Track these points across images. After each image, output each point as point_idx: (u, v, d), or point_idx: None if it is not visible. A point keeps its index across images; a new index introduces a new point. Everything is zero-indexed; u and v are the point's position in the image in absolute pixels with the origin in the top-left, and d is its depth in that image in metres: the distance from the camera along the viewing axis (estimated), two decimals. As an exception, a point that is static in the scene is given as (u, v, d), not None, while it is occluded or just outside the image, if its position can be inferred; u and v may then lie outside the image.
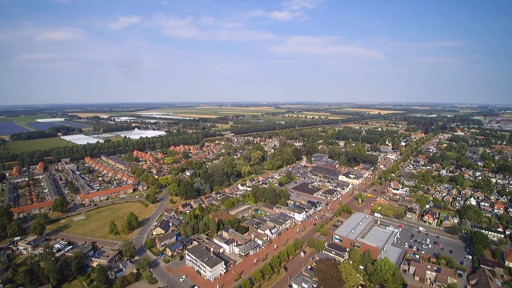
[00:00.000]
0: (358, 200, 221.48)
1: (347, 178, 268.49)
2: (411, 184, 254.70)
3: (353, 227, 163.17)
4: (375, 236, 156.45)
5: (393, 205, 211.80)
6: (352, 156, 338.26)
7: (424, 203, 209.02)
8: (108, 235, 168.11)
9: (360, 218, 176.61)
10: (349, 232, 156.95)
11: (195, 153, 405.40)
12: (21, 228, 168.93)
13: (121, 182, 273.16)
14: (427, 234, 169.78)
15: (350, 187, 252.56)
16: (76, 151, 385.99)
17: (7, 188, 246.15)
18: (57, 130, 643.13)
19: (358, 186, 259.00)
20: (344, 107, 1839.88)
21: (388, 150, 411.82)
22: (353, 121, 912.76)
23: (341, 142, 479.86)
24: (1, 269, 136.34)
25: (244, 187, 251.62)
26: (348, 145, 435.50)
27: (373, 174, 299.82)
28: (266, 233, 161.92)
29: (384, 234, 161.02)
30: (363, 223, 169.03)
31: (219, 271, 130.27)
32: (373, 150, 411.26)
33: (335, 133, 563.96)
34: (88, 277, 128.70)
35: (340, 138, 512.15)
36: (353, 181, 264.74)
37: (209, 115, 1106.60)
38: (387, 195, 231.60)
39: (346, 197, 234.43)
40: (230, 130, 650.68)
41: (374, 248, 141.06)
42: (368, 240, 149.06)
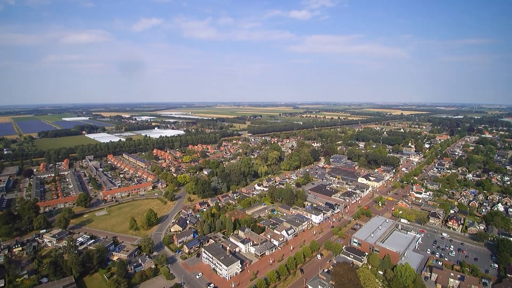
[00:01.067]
0: (378, 204, 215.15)
1: (367, 180, 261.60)
2: (435, 188, 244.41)
3: (372, 231, 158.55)
4: (395, 241, 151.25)
5: (415, 209, 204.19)
6: (373, 157, 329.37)
7: (449, 208, 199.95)
8: (128, 231, 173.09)
9: (380, 222, 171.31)
10: (368, 236, 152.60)
11: (212, 153, 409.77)
12: (46, 222, 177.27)
13: (141, 179, 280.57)
14: (451, 241, 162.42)
15: (370, 190, 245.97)
16: (99, 148, 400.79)
17: (34, 183, 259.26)
18: (82, 128, 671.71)
19: (378, 189, 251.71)
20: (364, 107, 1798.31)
21: (410, 152, 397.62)
22: (373, 121, 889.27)
23: (361, 143, 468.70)
24: (27, 260, 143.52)
25: (260, 187, 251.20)
26: (369, 147, 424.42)
27: (395, 177, 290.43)
28: (283, 234, 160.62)
29: (405, 239, 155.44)
30: (383, 227, 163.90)
31: (235, 270, 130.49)
32: (394, 152, 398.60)
33: (355, 134, 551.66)
34: (109, 271, 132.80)
35: (360, 139, 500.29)
36: (373, 184, 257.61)
37: (227, 115, 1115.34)
38: (409, 199, 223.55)
39: (366, 200, 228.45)
40: (248, 130, 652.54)
41: (395, 253, 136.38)
42: (388, 245, 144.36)
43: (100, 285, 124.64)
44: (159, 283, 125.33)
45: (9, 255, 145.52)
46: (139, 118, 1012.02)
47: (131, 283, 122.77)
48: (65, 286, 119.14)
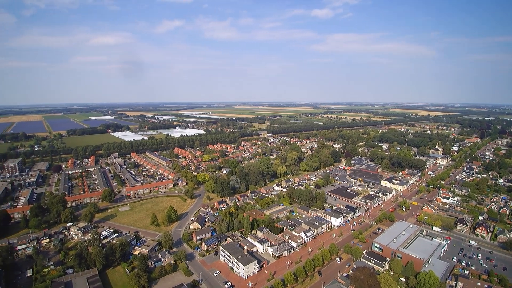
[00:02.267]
0: (402, 208, 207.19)
1: (390, 183, 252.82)
2: (463, 193, 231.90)
3: (395, 236, 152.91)
4: (419, 247, 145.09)
5: (441, 215, 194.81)
6: (397, 160, 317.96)
7: (478, 214, 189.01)
8: (149, 226, 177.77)
9: (404, 227, 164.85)
10: (391, 241, 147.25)
11: (231, 152, 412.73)
12: (73, 215, 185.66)
13: (162, 177, 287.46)
14: (479, 249, 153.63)
15: (393, 194, 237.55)
16: (123, 146, 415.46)
17: (62, 179, 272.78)
18: (107, 127, 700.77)
19: (402, 193, 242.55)
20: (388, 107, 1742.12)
21: (438, 155, 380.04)
22: (398, 122, 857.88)
23: (384, 145, 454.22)
24: (54, 251, 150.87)
25: (279, 188, 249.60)
26: (393, 149, 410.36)
27: (420, 181, 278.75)
28: (301, 235, 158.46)
29: (430, 246, 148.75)
30: (406, 233, 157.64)
31: (252, 270, 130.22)
32: (420, 154, 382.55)
33: (378, 135, 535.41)
34: (130, 264, 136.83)
35: (383, 141, 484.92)
36: (397, 187, 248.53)
37: (246, 115, 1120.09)
38: (436, 204, 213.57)
39: (389, 203, 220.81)
40: (267, 130, 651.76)
41: (418, 260, 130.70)
42: (412, 251, 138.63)
43: (121, 278, 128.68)
44: (178, 278, 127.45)
45: (38, 246, 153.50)
46: (161, 118, 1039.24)
47: (151, 278, 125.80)
48: (89, 278, 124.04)
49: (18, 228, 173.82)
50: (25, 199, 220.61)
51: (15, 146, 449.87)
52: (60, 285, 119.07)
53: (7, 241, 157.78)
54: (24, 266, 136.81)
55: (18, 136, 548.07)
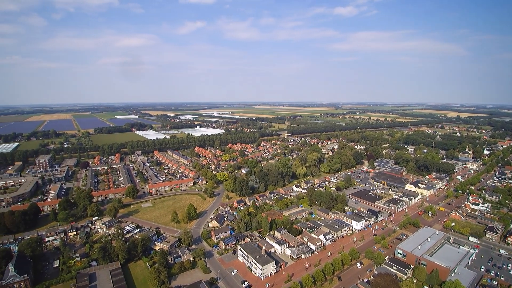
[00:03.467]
0: (428, 213, 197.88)
1: (415, 187, 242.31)
2: (494, 200, 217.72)
3: (420, 242, 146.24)
4: (445, 255, 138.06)
5: (470, 222, 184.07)
6: (423, 163, 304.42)
7: (509, 222, 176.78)
8: (170, 223, 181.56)
9: (429, 234, 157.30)
10: (415, 248, 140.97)
11: (251, 152, 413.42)
12: (99, 210, 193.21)
13: (183, 175, 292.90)
14: (509, 259, 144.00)
15: (419, 198, 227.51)
16: (147, 145, 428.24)
17: (89, 175, 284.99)
18: (132, 126, 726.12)
19: (428, 198, 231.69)
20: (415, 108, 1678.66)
21: (467, 158, 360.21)
22: (425, 124, 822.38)
23: (410, 147, 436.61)
24: (80, 244, 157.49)
25: (299, 189, 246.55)
26: (419, 151, 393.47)
27: (448, 185, 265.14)
28: (320, 238, 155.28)
29: (457, 254, 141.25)
30: (432, 240, 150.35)
31: (270, 271, 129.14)
32: (449, 158, 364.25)
33: (404, 137, 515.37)
34: (151, 259, 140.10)
35: (409, 143, 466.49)
36: (423, 192, 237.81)
37: (266, 115, 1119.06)
38: (464, 210, 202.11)
39: (414, 208, 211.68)
40: (287, 130, 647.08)
41: (444, 268, 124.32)
42: (437, 259, 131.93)
43: (142, 272, 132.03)
44: (196, 275, 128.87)
45: (65, 239, 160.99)
46: (183, 117, 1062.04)
47: (171, 273, 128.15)
48: (112, 271, 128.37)
49: (47, 221, 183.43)
50: (54, 194, 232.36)
51: (46, 143, 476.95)
52: (84, 276, 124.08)
53: (37, 233, 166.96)
54: (52, 257, 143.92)
55: (49, 133, 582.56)
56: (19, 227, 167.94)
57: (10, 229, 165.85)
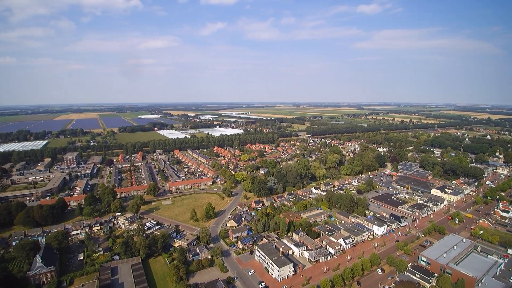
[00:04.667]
0: (455, 220, 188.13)
1: (442, 192, 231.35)
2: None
3: (445, 250, 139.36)
4: (472, 264, 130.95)
5: (499, 230, 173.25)
6: (451, 167, 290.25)
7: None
8: (189, 221, 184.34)
9: (455, 241, 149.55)
10: (440, 256, 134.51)
11: (270, 152, 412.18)
12: (121, 206, 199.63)
13: (202, 174, 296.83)
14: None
15: (445, 204, 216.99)
16: (168, 144, 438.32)
17: (113, 172, 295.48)
18: (154, 125, 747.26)
19: (455, 204, 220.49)
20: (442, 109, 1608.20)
21: (498, 163, 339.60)
22: (453, 126, 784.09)
23: (436, 150, 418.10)
24: (103, 238, 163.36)
25: (318, 191, 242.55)
26: (446, 154, 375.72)
27: (477, 191, 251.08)
28: (340, 242, 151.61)
29: (485, 263, 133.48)
30: (458, 248, 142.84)
31: (287, 273, 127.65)
32: (478, 162, 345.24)
33: (430, 139, 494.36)
34: (170, 256, 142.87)
35: (435, 146, 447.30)
36: (450, 197, 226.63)
37: (286, 115, 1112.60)
38: (493, 217, 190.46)
39: (439, 214, 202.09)
40: (306, 131, 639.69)
41: (470, 278, 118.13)
42: (464, 268, 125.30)
43: (162, 268, 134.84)
44: (213, 273, 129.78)
45: (89, 233, 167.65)
46: (203, 117, 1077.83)
47: (189, 270, 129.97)
48: (133, 265, 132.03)
49: (73, 215, 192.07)
50: (80, 189, 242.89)
51: (74, 141, 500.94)
52: (107, 269, 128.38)
53: (63, 226, 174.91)
54: (77, 250, 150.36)
55: (76, 132, 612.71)
56: (47, 221, 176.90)
57: (39, 222, 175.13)
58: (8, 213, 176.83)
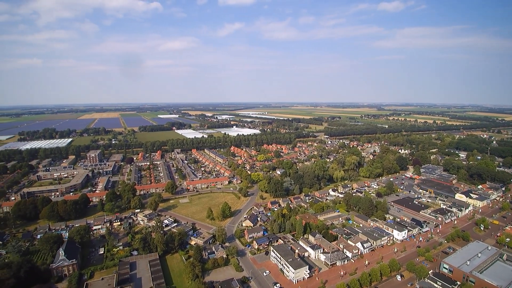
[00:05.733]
0: (480, 227, 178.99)
1: (467, 197, 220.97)
2: None
3: (469, 257, 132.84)
4: (497, 273, 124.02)
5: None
6: (476, 171, 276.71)
7: None
8: (205, 219, 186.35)
9: (480, 249, 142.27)
10: (463, 263, 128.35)
11: (286, 153, 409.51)
12: (141, 203, 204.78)
13: (219, 173, 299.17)
14: None
15: (470, 209, 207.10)
16: (185, 143, 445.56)
17: (133, 170, 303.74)
18: (172, 125, 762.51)
19: (481, 209, 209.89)
20: (468, 110, 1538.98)
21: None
22: (480, 128, 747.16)
23: (462, 153, 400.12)
24: (123, 234, 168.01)
25: (335, 193, 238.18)
26: (472, 158, 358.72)
27: (504, 197, 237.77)
28: (357, 246, 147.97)
29: (511, 272, 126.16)
30: (483, 255, 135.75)
31: (302, 275, 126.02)
32: (506, 166, 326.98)
33: (455, 141, 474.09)
34: (187, 253, 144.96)
35: (460, 148, 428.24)
36: (475, 202, 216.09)
37: (303, 116, 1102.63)
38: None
39: (464, 220, 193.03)
40: (324, 132, 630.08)
41: (495, 287, 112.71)
42: (488, 277, 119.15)
43: (178, 265, 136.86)
44: (228, 272, 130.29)
45: (110, 228, 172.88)
46: (220, 117, 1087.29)
47: (205, 268, 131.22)
48: (151, 261, 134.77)
49: (95, 211, 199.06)
50: (102, 186, 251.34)
51: (96, 139, 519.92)
52: (126, 264, 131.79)
53: (86, 221, 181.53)
54: (98, 245, 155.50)
55: (99, 130, 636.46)
56: (70, 215, 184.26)
57: (63, 216, 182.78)
58: (34, 207, 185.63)
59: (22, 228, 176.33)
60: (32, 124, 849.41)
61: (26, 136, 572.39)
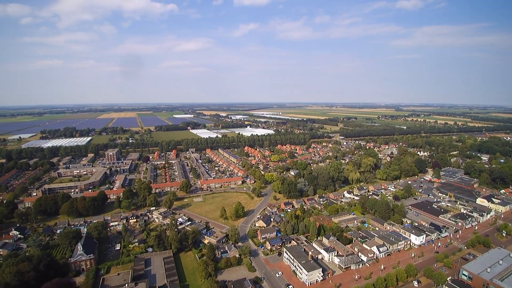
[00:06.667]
0: (502, 233, 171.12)
1: (488, 202, 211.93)
2: None
3: (489, 265, 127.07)
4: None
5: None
6: (499, 175, 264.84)
7: None
8: (218, 218, 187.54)
9: (502, 256, 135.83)
10: (483, 270, 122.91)
11: (300, 154, 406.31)
12: (156, 201, 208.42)
13: (232, 173, 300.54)
14: None
15: (492, 215, 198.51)
16: (200, 143, 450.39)
17: (149, 168, 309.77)
18: (187, 124, 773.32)
19: (503, 215, 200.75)
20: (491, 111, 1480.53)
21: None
22: (503, 130, 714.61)
23: (484, 156, 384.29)
24: (139, 231, 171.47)
25: (350, 195, 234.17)
26: (495, 161, 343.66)
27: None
28: (373, 249, 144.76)
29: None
30: (504, 263, 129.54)
31: (316, 277, 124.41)
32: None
33: (477, 143, 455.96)
34: (200, 251, 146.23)
35: (483, 151, 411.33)
36: (498, 207, 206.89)
37: (318, 116, 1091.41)
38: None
39: (485, 226, 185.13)
40: (339, 133, 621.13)
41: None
42: (509, 285, 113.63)
43: (192, 263, 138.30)
44: (241, 272, 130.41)
45: (126, 225, 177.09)
46: (234, 117, 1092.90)
47: (217, 267, 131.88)
48: (165, 258, 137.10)
49: (112, 207, 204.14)
50: (119, 183, 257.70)
51: (114, 138, 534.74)
52: (141, 261, 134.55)
53: (103, 218, 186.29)
54: (114, 240, 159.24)
55: (117, 129, 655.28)
56: (88, 211, 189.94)
57: (81, 212, 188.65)
58: (54, 203, 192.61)
59: (42, 223, 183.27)
60: (53, 123, 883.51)
61: (47, 134, 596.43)
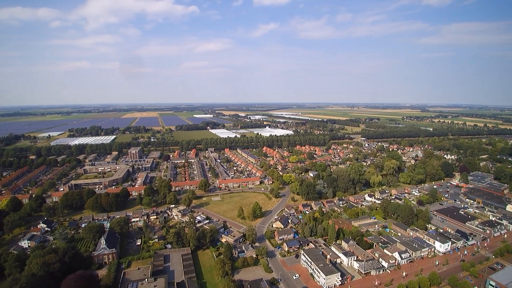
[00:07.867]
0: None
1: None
2: None
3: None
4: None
5: None
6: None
7: None
8: (236, 218, 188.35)
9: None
10: None
11: (320, 155, 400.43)
12: (175, 198, 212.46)
13: (250, 173, 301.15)
14: None
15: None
16: (219, 142, 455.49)
17: (170, 166, 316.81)
18: (207, 124, 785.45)
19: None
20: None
21: None
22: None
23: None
24: (159, 227, 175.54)
25: (372, 199, 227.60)
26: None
27: None
28: (394, 255, 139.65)
29: None
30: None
31: (334, 282, 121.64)
32: None
33: (508, 147, 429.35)
34: (217, 250, 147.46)
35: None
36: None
37: (339, 117, 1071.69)
38: None
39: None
40: (361, 134, 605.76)
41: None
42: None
43: (209, 261, 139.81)
44: (258, 273, 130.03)
45: (147, 221, 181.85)
46: (253, 117, 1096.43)
47: (234, 266, 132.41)
48: (183, 255, 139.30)
49: (134, 204, 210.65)
50: (141, 181, 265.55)
51: (137, 137, 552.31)
52: (160, 256, 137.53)
53: (125, 213, 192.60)
54: (135, 236, 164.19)
55: (139, 129, 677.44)
56: (111, 207, 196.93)
57: (105, 208, 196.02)
58: (80, 198, 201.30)
59: (68, 217, 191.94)
60: (80, 122, 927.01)
61: (75, 132, 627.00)
